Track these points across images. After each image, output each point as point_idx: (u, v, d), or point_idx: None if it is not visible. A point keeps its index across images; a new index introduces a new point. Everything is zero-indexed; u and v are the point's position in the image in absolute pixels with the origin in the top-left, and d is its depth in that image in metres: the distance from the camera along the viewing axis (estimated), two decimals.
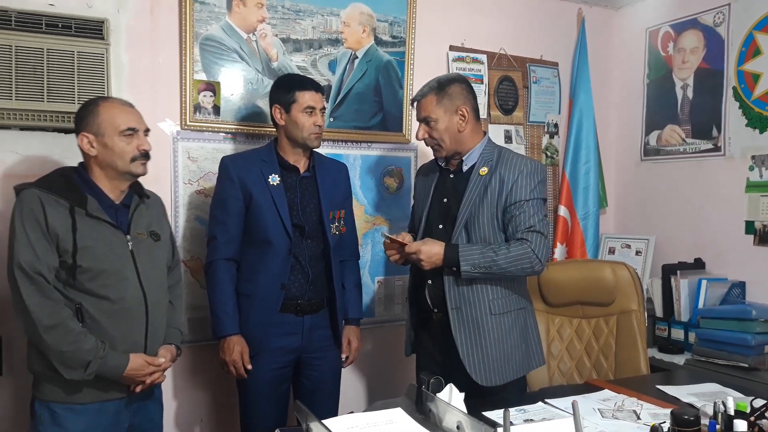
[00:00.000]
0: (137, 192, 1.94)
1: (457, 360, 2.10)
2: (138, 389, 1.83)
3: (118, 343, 1.79)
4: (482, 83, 3.17)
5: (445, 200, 2.20)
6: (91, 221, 1.78)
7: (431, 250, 2.04)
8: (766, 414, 1.49)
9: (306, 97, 2.19)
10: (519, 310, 2.15)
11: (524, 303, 2.20)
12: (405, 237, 2.11)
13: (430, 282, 2.16)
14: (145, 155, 1.87)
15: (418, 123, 2.20)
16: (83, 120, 1.83)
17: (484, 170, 2.13)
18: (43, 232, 1.72)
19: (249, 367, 2.15)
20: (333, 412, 2.28)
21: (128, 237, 1.85)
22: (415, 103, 2.21)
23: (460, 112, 2.14)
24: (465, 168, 2.18)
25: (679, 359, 2.81)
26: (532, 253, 2.03)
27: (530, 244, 2.04)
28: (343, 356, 2.36)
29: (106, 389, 1.80)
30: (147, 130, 1.91)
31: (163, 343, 1.93)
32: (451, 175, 2.22)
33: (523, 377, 2.21)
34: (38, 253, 1.70)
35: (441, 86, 2.15)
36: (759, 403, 1.52)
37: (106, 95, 2.21)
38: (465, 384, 1.67)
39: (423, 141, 2.20)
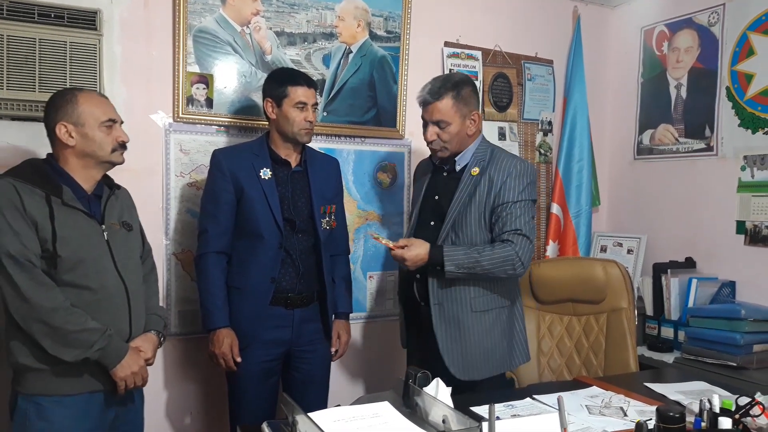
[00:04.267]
0: (107, 183, 1.94)
1: (439, 353, 2.13)
2: (122, 390, 1.82)
3: None
4: (477, 80, 3.17)
5: (436, 197, 2.23)
6: (66, 210, 1.76)
7: (417, 255, 2.06)
8: (750, 412, 1.50)
9: (298, 93, 2.18)
10: (501, 308, 2.17)
11: (508, 301, 2.21)
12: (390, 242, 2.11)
13: (418, 276, 2.21)
14: (123, 146, 1.89)
15: (424, 122, 2.18)
16: (60, 109, 1.80)
17: (475, 170, 2.16)
18: (24, 220, 1.69)
19: (238, 359, 2.15)
20: (322, 406, 2.27)
21: (103, 227, 1.84)
22: (426, 103, 2.15)
23: (472, 117, 2.16)
24: (458, 167, 2.21)
25: (669, 357, 2.82)
26: (515, 255, 2.06)
27: (514, 246, 2.06)
28: (333, 350, 2.36)
29: (94, 379, 1.79)
30: (122, 122, 1.92)
31: (144, 330, 1.93)
32: (444, 173, 2.25)
33: (502, 373, 2.23)
34: (24, 241, 1.69)
35: (457, 89, 2.13)
36: (744, 401, 1.53)
37: (77, 87, 2.13)
38: (448, 377, 1.69)
39: (428, 142, 2.18)
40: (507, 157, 2.18)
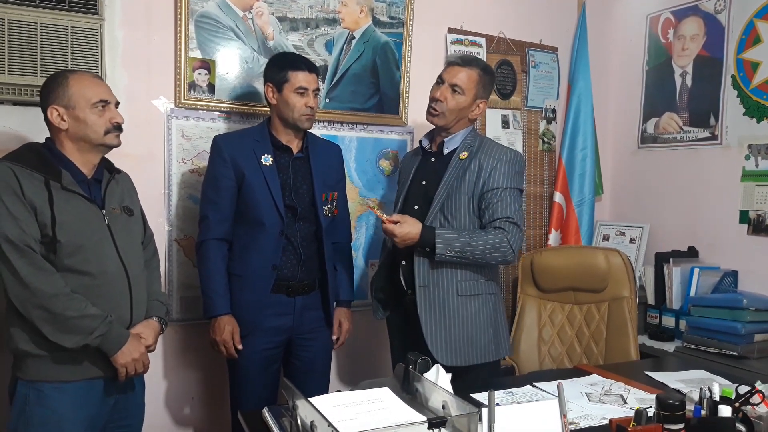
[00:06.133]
0: (107, 167, 1.92)
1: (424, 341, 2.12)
2: (123, 377, 1.80)
3: None
4: None
5: (423, 182, 2.25)
6: (66, 195, 1.75)
7: (408, 232, 2.06)
8: (750, 400, 1.50)
9: (299, 78, 2.16)
10: (488, 295, 2.18)
11: (494, 289, 2.22)
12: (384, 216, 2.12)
13: (403, 263, 2.20)
14: (118, 128, 1.85)
15: (439, 81, 2.21)
16: (52, 93, 1.78)
17: (464, 155, 2.19)
18: (23, 204, 1.68)
19: (239, 347, 2.16)
20: (323, 393, 2.28)
21: (104, 212, 1.83)
22: (452, 64, 2.21)
23: (480, 104, 2.22)
24: (446, 151, 2.23)
25: (669, 346, 2.82)
26: (507, 243, 2.07)
27: (506, 233, 2.08)
28: (334, 337, 2.37)
29: (94, 366, 1.78)
30: (117, 103, 1.88)
31: (146, 317, 1.92)
32: (432, 159, 2.27)
33: (497, 362, 2.23)
34: (23, 226, 1.67)
35: (487, 71, 2.23)
36: (744, 389, 1.53)
37: (72, 69, 2.14)
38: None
39: (432, 100, 2.20)
40: (497, 145, 2.23)
